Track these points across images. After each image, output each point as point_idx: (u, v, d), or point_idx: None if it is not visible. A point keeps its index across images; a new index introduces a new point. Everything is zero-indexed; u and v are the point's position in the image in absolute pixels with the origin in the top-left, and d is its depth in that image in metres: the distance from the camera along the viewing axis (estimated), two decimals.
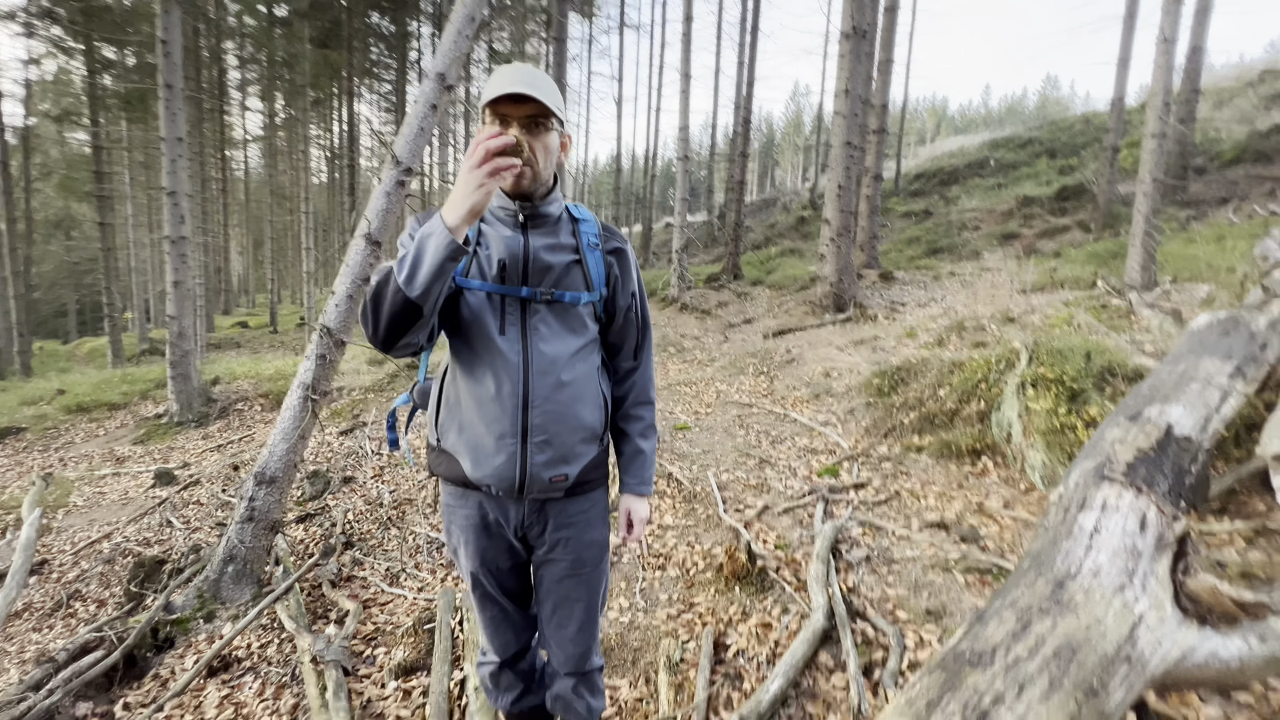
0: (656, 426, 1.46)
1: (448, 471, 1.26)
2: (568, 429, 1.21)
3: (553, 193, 1.24)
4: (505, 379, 1.16)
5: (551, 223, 1.24)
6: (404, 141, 3.45)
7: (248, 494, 3.20)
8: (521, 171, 1.12)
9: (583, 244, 1.25)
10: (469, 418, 1.20)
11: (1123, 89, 10.86)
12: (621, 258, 1.30)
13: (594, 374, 1.27)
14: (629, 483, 1.40)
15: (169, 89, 7.13)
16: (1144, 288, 4.89)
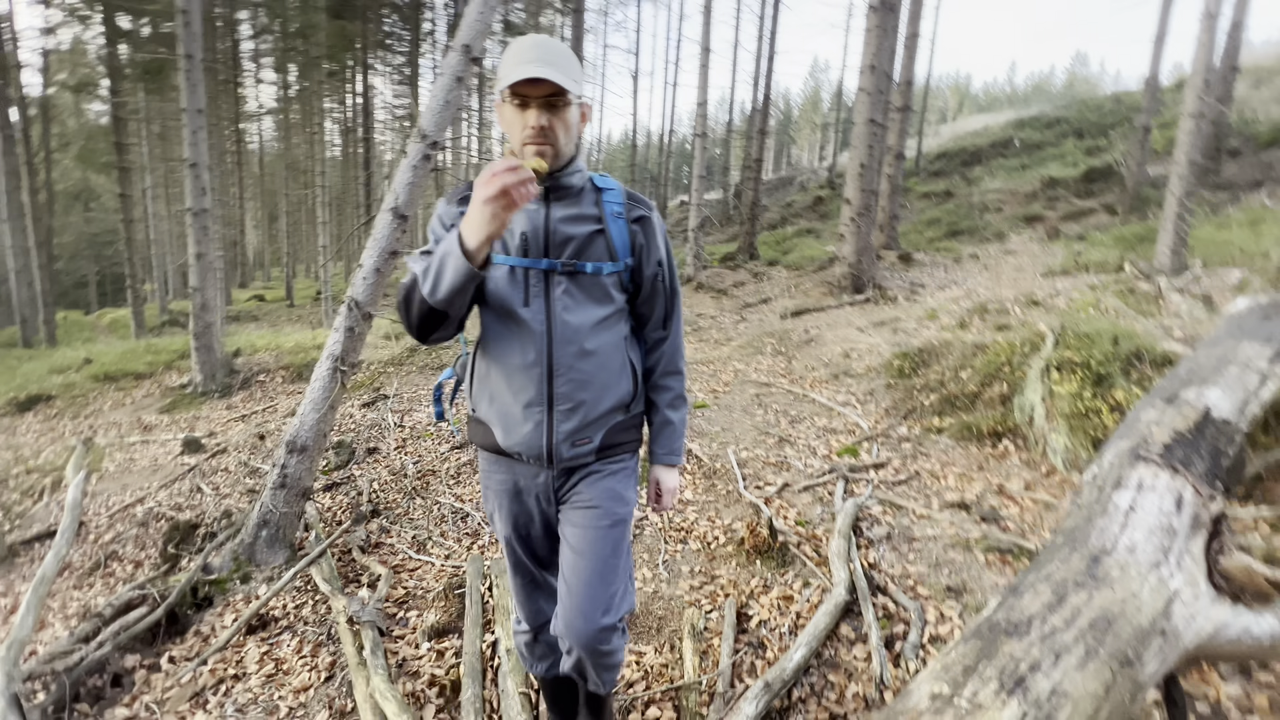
0: (687, 397, 1.49)
1: (482, 440, 1.31)
2: (593, 397, 1.23)
3: (574, 164, 1.25)
4: (530, 349, 1.19)
5: (574, 194, 1.25)
6: (430, 115, 3.45)
7: (280, 461, 3.29)
8: (543, 150, 1.15)
9: (606, 213, 1.26)
10: (498, 388, 1.24)
11: (1157, 66, 10.52)
12: (646, 225, 1.30)
13: (620, 343, 1.29)
14: (658, 453, 1.42)
15: (189, 59, 7.13)
16: (1173, 272, 4.80)
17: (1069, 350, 3.39)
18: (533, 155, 1.16)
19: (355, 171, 21.52)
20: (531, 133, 1.14)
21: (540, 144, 1.15)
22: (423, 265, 1.09)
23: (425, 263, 1.08)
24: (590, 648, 1.25)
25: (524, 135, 1.15)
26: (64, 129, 24.46)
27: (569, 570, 1.29)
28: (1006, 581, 2.37)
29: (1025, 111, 24.63)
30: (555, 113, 1.14)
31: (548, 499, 1.32)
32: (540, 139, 1.15)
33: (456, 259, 1.00)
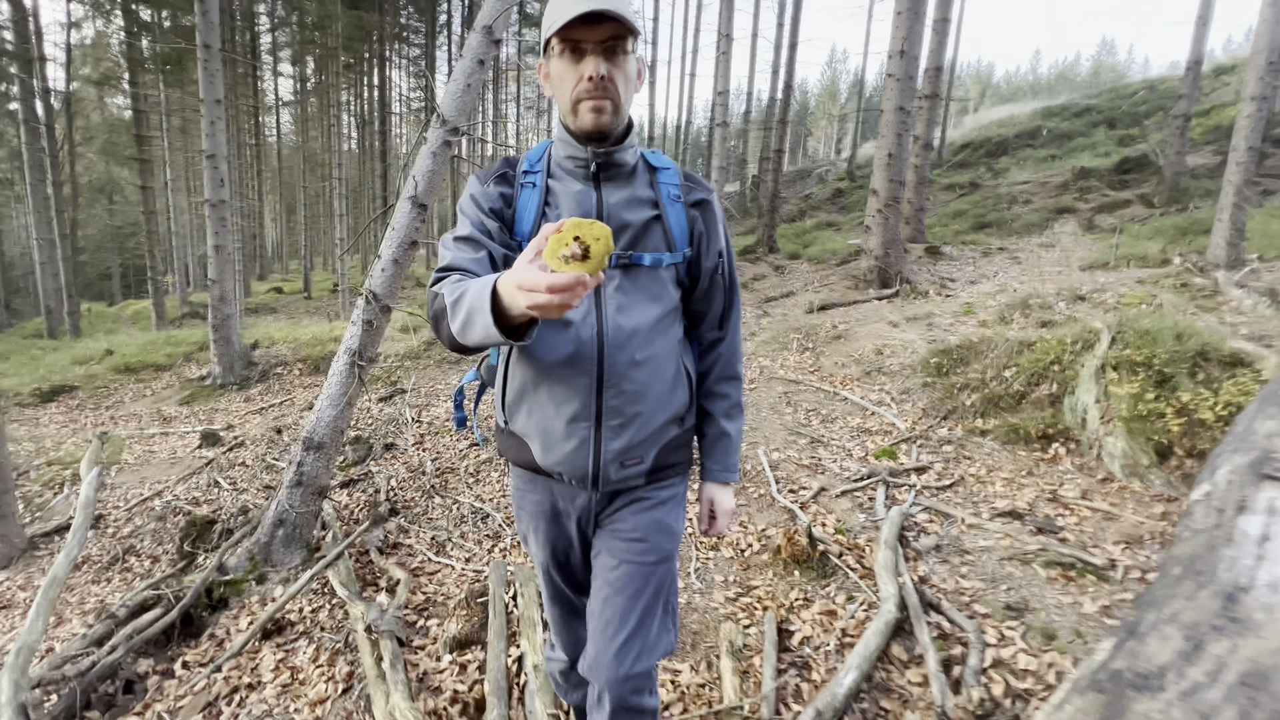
0: (744, 405, 1.32)
1: (517, 456, 1.16)
2: (647, 411, 1.09)
3: (628, 137, 1.09)
4: (577, 357, 1.05)
5: (626, 173, 1.10)
6: (450, 99, 3.30)
7: (296, 459, 3.19)
8: (601, 106, 0.98)
9: (662, 196, 1.10)
10: (538, 399, 1.10)
11: (1200, 50, 10.07)
12: (707, 211, 1.14)
13: (676, 348, 1.14)
14: (712, 469, 1.26)
15: (207, 49, 7.06)
16: (1229, 266, 4.53)
17: (1128, 349, 3.17)
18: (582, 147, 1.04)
19: (372, 164, 21.57)
20: (589, 86, 0.97)
21: (599, 98, 0.98)
22: (453, 295, 0.89)
23: (456, 292, 0.89)
24: (619, 698, 1.10)
25: (578, 90, 0.99)
26: (88, 123, 24.80)
27: (602, 606, 1.13)
28: (1072, 600, 2.19)
29: (1052, 100, 23.95)
30: (615, 61, 0.98)
31: (589, 522, 1.18)
32: (599, 92, 0.98)
33: (486, 324, 0.78)
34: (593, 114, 0.99)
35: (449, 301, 0.89)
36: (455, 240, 1.06)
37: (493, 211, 1.09)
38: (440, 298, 0.93)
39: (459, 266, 1.01)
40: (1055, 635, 2.04)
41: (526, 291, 0.68)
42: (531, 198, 1.09)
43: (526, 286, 0.68)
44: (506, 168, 1.12)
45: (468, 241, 1.05)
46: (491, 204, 1.09)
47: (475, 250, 1.03)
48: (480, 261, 1.02)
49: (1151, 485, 2.86)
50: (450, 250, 1.05)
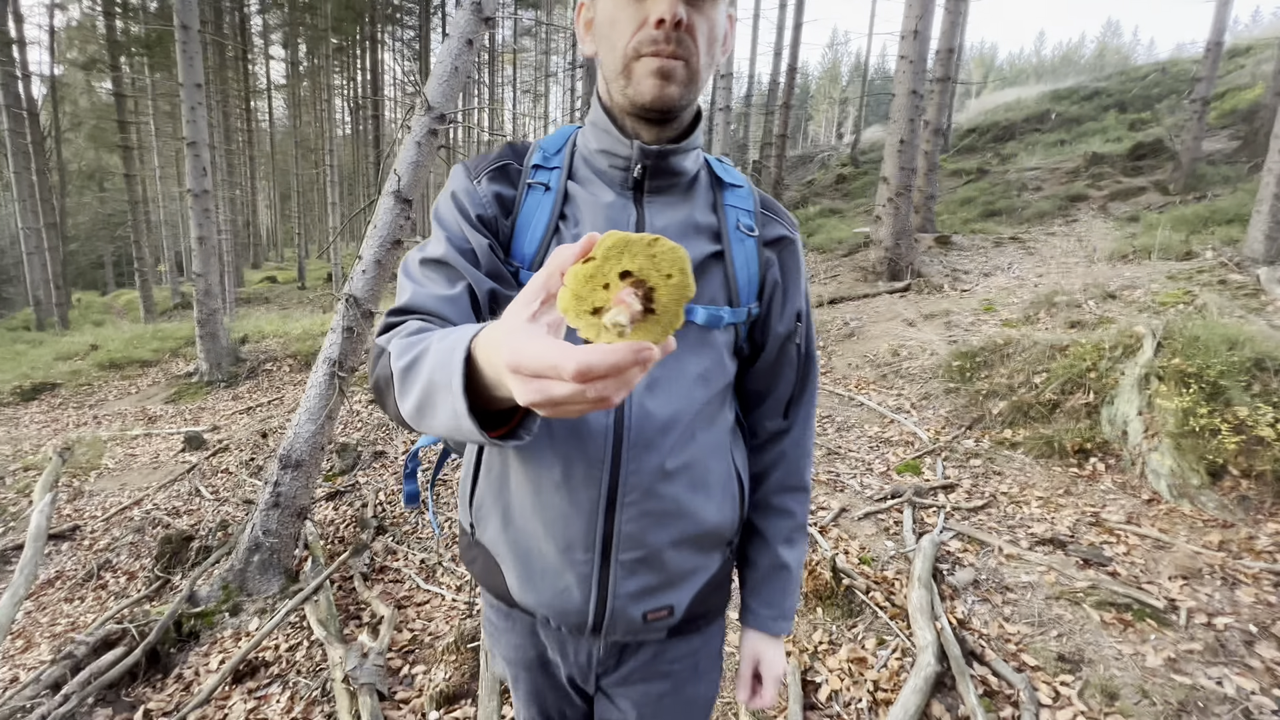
0: (809, 527, 1.02)
1: (486, 579, 0.85)
2: (678, 538, 0.78)
3: (694, 131, 0.77)
4: (582, 453, 0.73)
5: (683, 185, 0.78)
6: (436, 83, 3.01)
7: (272, 478, 2.94)
8: (670, 68, 0.66)
9: (728, 226, 0.78)
10: (519, 507, 0.78)
11: (1221, 31, 9.69)
12: (787, 254, 0.83)
13: (725, 443, 0.83)
14: (760, 614, 0.90)
15: (185, 30, 6.71)
16: (1267, 260, 4.27)
17: (1176, 357, 2.91)
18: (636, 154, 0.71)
19: (365, 150, 21.12)
20: (656, 34, 0.65)
21: (670, 55, 0.66)
22: (405, 357, 0.57)
23: (410, 353, 0.56)
24: None
25: (638, 39, 0.66)
26: (75, 108, 24.26)
27: None
28: (1133, 650, 1.95)
29: (1059, 84, 23.46)
30: (700, 5, 0.66)
31: (588, 679, 0.87)
32: (671, 46, 0.65)
33: (455, 411, 0.47)
34: (656, 78, 0.67)
35: (397, 367, 0.57)
36: (422, 265, 0.74)
37: (481, 221, 0.75)
38: (385, 358, 0.61)
39: (421, 308, 0.69)
40: (1118, 694, 1.81)
41: (529, 379, 0.38)
42: (541, 205, 0.77)
43: (530, 370, 0.37)
44: (508, 158, 0.80)
45: (438, 267, 0.72)
46: (480, 209, 0.75)
47: (449, 282, 0.71)
48: (455, 301, 0.70)
49: (1204, 509, 2.63)
50: (412, 280, 0.73)
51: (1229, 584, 2.23)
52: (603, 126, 0.76)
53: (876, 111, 38.63)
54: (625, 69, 0.69)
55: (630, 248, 0.40)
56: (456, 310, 0.70)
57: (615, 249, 0.40)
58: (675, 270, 0.39)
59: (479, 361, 0.47)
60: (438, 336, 0.56)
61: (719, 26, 0.70)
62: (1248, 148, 10.85)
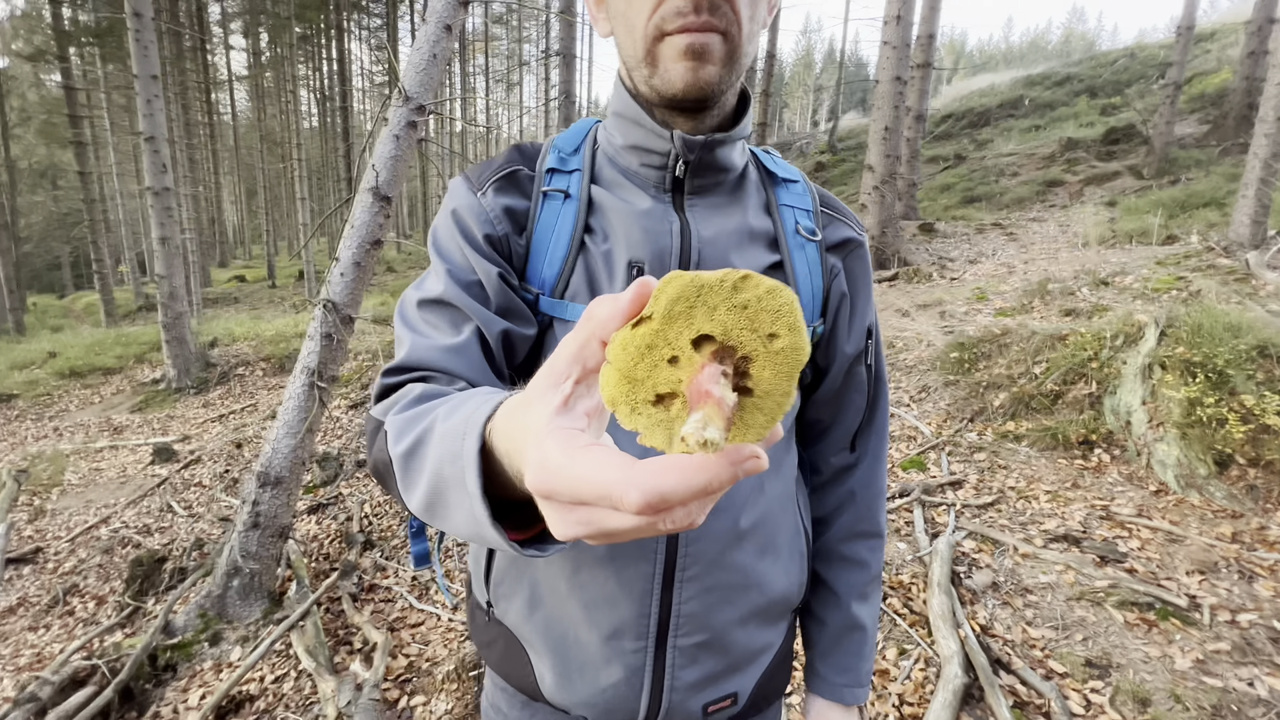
0: (884, 577, 0.88)
1: (506, 667, 0.71)
2: (747, 613, 0.66)
3: (743, 119, 0.64)
4: None
5: (730, 184, 0.66)
6: (414, 72, 2.83)
7: (250, 497, 2.76)
8: (705, 45, 0.53)
9: (786, 230, 0.66)
10: (551, 587, 0.65)
11: (1192, 15, 9.82)
12: (854, 260, 0.71)
13: (792, 492, 0.71)
14: (832, 681, 0.76)
15: (138, 18, 6.33)
16: (1252, 244, 4.31)
17: (1180, 345, 2.88)
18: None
19: (334, 143, 20.49)
20: (684, 4, 0.52)
21: (703, 28, 0.53)
22: (406, 439, 0.45)
23: (412, 433, 0.45)
24: None
25: (662, 14, 0.53)
26: (24, 102, 23.11)
27: None
28: (1160, 653, 1.90)
29: (1031, 69, 23.73)
30: None
31: None
32: (704, 19, 0.52)
33: (474, 514, 0.36)
34: (688, 60, 0.54)
35: (396, 453, 0.45)
36: (420, 308, 0.61)
37: (490, 243, 0.62)
38: (382, 438, 0.49)
39: (422, 364, 0.56)
40: (1150, 700, 1.76)
41: (571, 508, 0.27)
42: (562, 216, 0.64)
43: (569, 497, 0.26)
44: (517, 162, 0.66)
45: (439, 309, 0.59)
46: (488, 228, 0.62)
47: (453, 327, 0.58)
48: (462, 351, 0.57)
49: (1213, 499, 2.60)
50: (409, 328, 0.60)
51: (1246, 577, 2.20)
52: (630, 117, 0.62)
53: (851, 98, 38.76)
54: (649, 53, 0.56)
55: (706, 297, 0.26)
56: (464, 362, 0.57)
57: (684, 301, 0.26)
58: (782, 327, 0.26)
59: (498, 453, 0.35)
60: (444, 412, 0.43)
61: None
62: (1217, 131, 11.05)
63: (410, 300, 0.62)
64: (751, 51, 0.58)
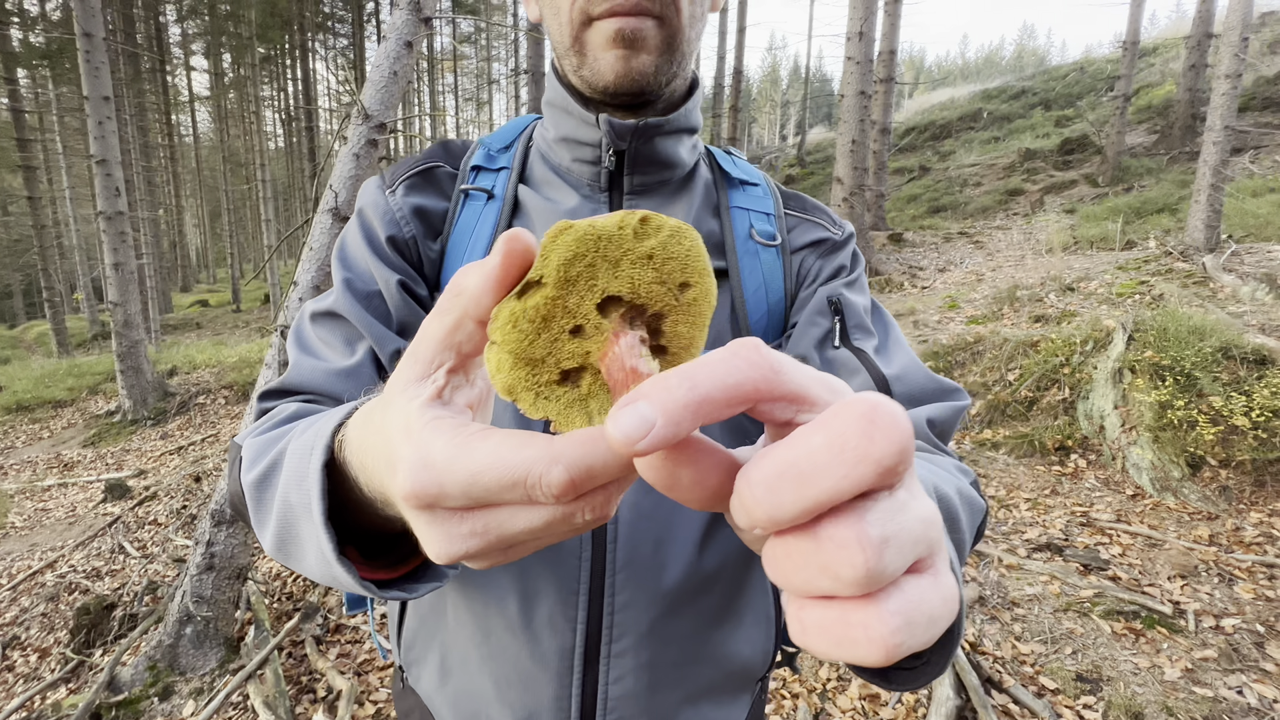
0: None
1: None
2: (695, 691, 0.57)
3: (688, 103, 0.57)
4: (549, 577, 0.53)
5: (676, 182, 0.59)
6: (374, 89, 2.75)
7: (205, 537, 2.60)
8: (637, 31, 0.47)
9: (736, 234, 0.59)
10: (461, 655, 0.57)
11: (1136, 30, 10.27)
12: (834, 257, 0.61)
13: (751, 552, 0.60)
14: None
15: (88, 38, 6.14)
16: (1207, 249, 4.45)
17: (1148, 349, 2.92)
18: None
19: (300, 164, 20.17)
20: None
21: (634, 11, 0.47)
22: (260, 463, 0.37)
23: (267, 456, 0.37)
24: None
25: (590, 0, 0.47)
26: None
27: None
28: (1149, 663, 1.88)
29: (988, 83, 24.61)
30: None
31: None
32: (635, 3, 0.46)
33: (323, 550, 0.29)
34: (618, 48, 0.48)
35: (248, 480, 0.38)
36: (314, 322, 0.54)
37: (394, 245, 0.55)
38: (237, 466, 0.42)
39: (305, 387, 0.49)
40: (1142, 713, 1.72)
41: (458, 517, 0.21)
42: (483, 218, 0.57)
43: (463, 498, 0.20)
44: (437, 158, 0.59)
45: (333, 324, 0.53)
46: (392, 229, 0.55)
47: (346, 345, 0.51)
48: (354, 375, 0.50)
49: (1187, 501, 2.62)
50: (299, 346, 0.53)
51: (1226, 580, 2.20)
52: (560, 105, 0.55)
53: (817, 113, 39.70)
54: (576, 40, 0.50)
55: (606, 250, 0.22)
56: (357, 387, 0.49)
57: (582, 260, 0.22)
58: (693, 274, 0.23)
59: (351, 469, 0.29)
60: (300, 428, 0.36)
61: None
62: (1165, 140, 11.53)
63: (306, 313, 0.54)
64: (695, 38, 0.52)
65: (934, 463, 0.46)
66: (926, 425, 0.53)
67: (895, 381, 0.54)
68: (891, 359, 0.56)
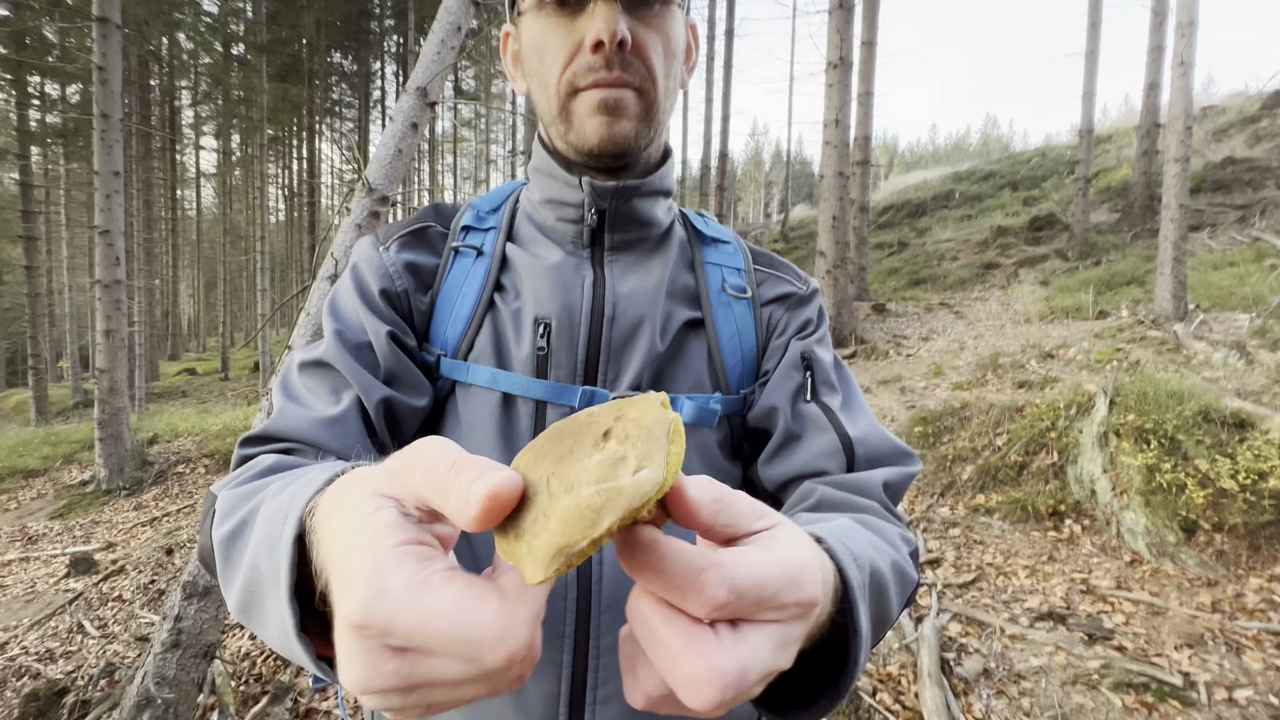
0: (870, 669, 0.73)
1: None
2: None
3: (663, 167, 0.62)
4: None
5: (653, 240, 0.63)
6: (379, 165, 2.88)
7: (174, 611, 2.46)
8: (618, 99, 0.53)
9: (710, 286, 0.63)
10: (442, 714, 0.53)
11: (1090, 120, 11.12)
12: (799, 311, 0.65)
13: None
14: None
15: (105, 119, 6.44)
16: (1176, 318, 4.63)
17: (1130, 413, 2.98)
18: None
19: (300, 236, 20.70)
20: (595, 60, 0.52)
21: (615, 84, 0.53)
22: (230, 520, 0.38)
23: (237, 514, 0.38)
24: None
25: (574, 71, 0.54)
26: None
27: None
28: None
29: (959, 166, 26.17)
30: (645, 17, 0.53)
31: None
32: (615, 73, 0.52)
33: (283, 620, 0.29)
34: (602, 115, 0.53)
35: (217, 535, 0.38)
36: (302, 371, 0.55)
37: (386, 298, 0.58)
38: (210, 519, 0.42)
39: (288, 435, 0.50)
40: None
41: (394, 655, 0.22)
42: (471, 274, 0.60)
43: (409, 638, 0.22)
44: (429, 219, 0.63)
45: (321, 374, 0.54)
46: (385, 282, 0.58)
47: (332, 394, 0.53)
48: (339, 424, 0.51)
49: (1186, 567, 2.59)
50: (286, 394, 0.55)
51: (1234, 649, 2.14)
52: (546, 170, 0.61)
53: (799, 192, 41.83)
54: (563, 109, 0.55)
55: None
56: (339, 435, 0.50)
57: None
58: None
59: (314, 543, 0.29)
60: (276, 488, 0.37)
61: (677, 40, 0.56)
62: (1127, 219, 12.21)
63: (294, 363, 0.56)
64: (669, 106, 0.58)
65: (878, 531, 0.49)
66: (882, 488, 0.55)
67: (859, 443, 0.58)
68: (855, 419, 0.60)
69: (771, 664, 0.25)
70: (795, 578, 0.26)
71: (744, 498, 0.29)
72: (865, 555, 0.40)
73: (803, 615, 0.26)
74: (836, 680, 0.35)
